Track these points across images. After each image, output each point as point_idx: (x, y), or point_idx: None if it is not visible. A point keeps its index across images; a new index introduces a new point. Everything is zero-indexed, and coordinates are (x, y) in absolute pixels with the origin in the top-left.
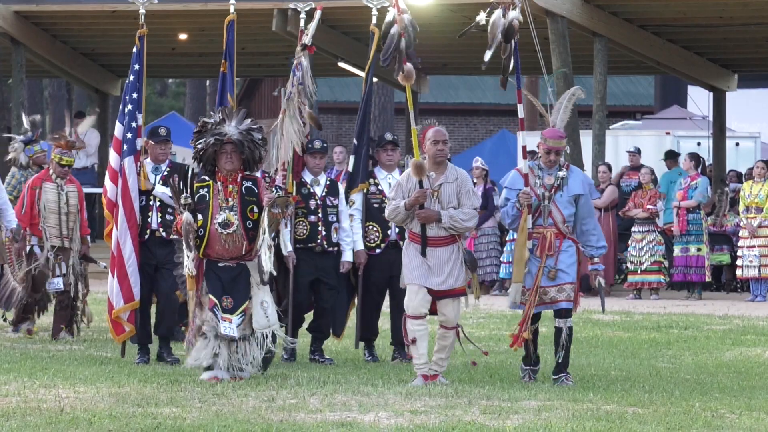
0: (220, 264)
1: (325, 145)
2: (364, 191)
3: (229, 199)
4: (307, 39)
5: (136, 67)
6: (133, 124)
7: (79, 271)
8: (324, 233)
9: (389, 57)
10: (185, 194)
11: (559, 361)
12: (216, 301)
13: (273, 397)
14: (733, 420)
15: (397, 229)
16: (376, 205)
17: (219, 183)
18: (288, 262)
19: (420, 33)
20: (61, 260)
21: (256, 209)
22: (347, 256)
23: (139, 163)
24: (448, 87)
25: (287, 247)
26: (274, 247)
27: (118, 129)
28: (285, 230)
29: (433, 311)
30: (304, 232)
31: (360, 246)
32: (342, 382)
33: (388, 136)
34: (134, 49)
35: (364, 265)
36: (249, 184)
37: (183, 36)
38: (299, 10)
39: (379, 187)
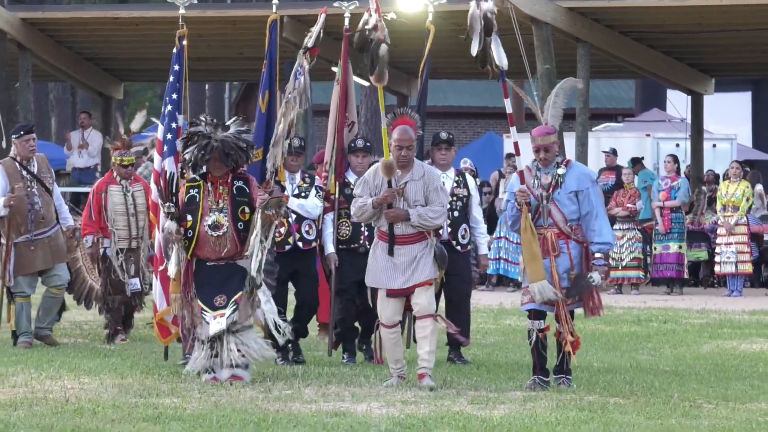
0: (209, 264)
1: (368, 144)
2: None
3: (219, 201)
4: (310, 42)
5: (176, 67)
6: (173, 125)
7: (145, 272)
8: (366, 234)
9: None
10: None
11: (560, 362)
12: (203, 305)
13: (269, 388)
14: (710, 410)
15: (449, 229)
16: None
17: (209, 184)
18: (330, 263)
19: (410, 39)
20: (132, 261)
21: (247, 210)
22: None
23: (180, 164)
24: (437, 91)
25: (329, 248)
26: (266, 250)
27: (160, 131)
28: (327, 231)
29: (408, 308)
30: (347, 233)
31: None
32: (335, 374)
33: (443, 135)
34: (174, 50)
35: None
36: (240, 184)
37: (183, 42)
38: (344, 8)
39: None
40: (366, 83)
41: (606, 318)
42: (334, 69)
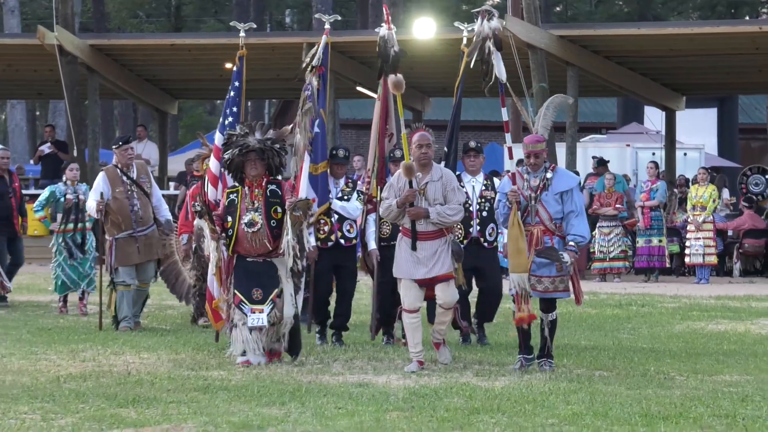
0: (249, 259)
1: None
2: None
3: (255, 202)
4: (314, 61)
5: (237, 84)
6: None
7: None
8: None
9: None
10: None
11: (543, 347)
12: (242, 297)
13: (302, 362)
14: (681, 381)
15: (478, 227)
16: None
17: (246, 188)
18: (373, 257)
19: (423, 62)
20: None
21: (279, 210)
22: None
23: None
24: (447, 107)
25: (371, 245)
26: (298, 247)
27: (218, 138)
28: (370, 230)
29: (430, 297)
30: (388, 231)
31: None
32: (360, 350)
33: (472, 144)
34: (234, 68)
35: None
36: (273, 187)
37: (228, 65)
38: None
39: (464, 190)
40: (374, 95)
41: (592, 302)
42: (359, 88)
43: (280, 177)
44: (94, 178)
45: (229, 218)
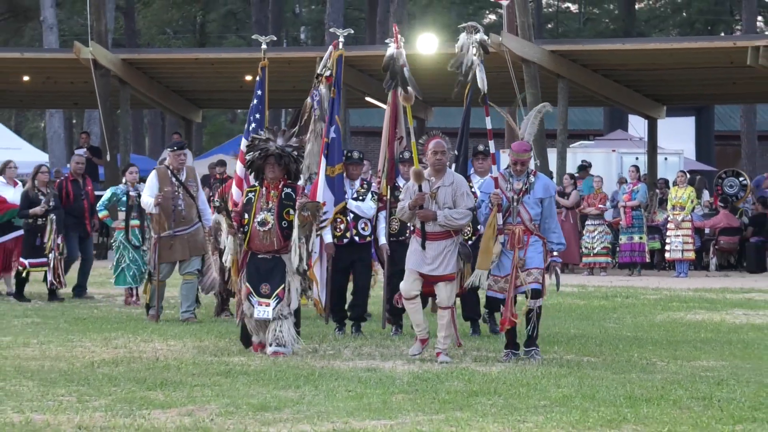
0: (259, 256)
1: None
2: None
3: (269, 203)
4: (320, 69)
5: (259, 92)
6: None
7: None
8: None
9: (391, 83)
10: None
11: (530, 335)
12: (251, 289)
13: (316, 349)
14: (662, 366)
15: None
16: None
17: (264, 189)
18: (383, 252)
19: (426, 74)
20: None
21: (292, 212)
22: None
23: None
24: (448, 115)
25: (382, 240)
26: (305, 245)
27: (243, 144)
28: (381, 226)
29: (430, 293)
30: (397, 227)
31: None
32: (368, 338)
33: (480, 148)
34: (257, 78)
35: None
36: (289, 190)
37: (248, 77)
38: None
39: (473, 190)
40: (384, 105)
41: (580, 294)
42: (368, 99)
43: (301, 181)
44: None
45: (246, 215)
